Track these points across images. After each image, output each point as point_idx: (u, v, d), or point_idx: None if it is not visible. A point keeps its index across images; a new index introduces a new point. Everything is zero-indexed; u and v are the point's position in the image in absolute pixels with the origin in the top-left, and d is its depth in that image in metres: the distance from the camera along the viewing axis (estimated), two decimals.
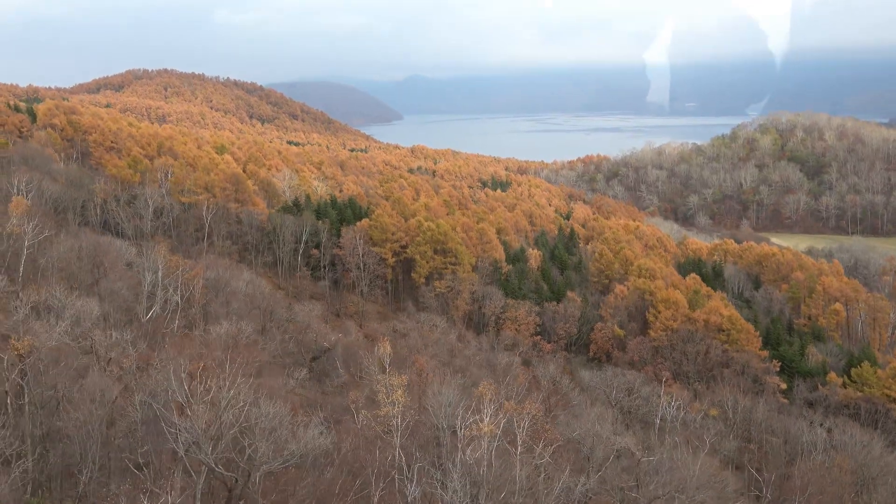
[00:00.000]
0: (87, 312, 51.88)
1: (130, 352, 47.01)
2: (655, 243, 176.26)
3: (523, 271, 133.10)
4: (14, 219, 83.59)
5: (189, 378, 43.72)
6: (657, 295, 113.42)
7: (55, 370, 43.27)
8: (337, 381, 72.56)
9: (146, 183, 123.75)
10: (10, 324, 45.63)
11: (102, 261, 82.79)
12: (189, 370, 45.07)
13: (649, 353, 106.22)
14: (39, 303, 50.04)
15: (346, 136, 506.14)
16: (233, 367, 44.11)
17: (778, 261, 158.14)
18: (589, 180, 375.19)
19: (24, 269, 78.01)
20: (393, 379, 50.14)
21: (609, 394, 74.45)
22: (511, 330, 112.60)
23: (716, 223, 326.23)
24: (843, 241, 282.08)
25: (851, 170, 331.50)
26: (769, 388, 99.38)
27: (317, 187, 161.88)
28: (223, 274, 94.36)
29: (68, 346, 45.43)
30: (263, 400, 40.67)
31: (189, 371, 44.83)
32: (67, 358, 43.81)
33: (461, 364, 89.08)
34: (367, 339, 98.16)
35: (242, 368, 45.59)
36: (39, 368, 41.76)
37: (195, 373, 44.86)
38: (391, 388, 49.42)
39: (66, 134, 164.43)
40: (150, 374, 44.48)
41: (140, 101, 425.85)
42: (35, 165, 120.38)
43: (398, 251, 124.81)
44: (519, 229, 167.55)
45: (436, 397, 49.35)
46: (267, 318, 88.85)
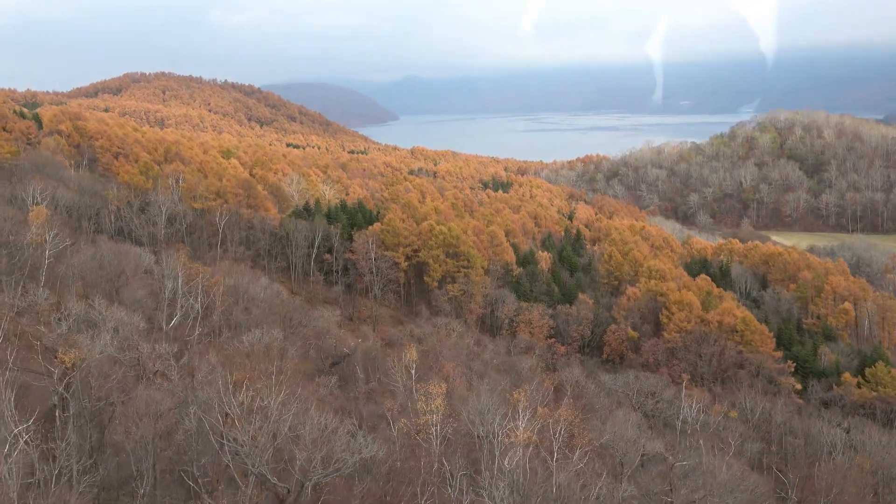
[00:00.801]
0: (133, 325, 52.19)
1: (174, 363, 47.35)
2: (662, 244, 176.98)
3: (534, 273, 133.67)
4: (35, 228, 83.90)
5: (235, 388, 44.20)
6: (670, 297, 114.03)
7: (103, 382, 43.60)
8: (364, 387, 72.86)
9: (158, 189, 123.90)
10: (54, 336, 45.94)
11: (124, 269, 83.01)
12: (234, 380, 45.51)
13: (664, 354, 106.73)
14: (80, 314, 50.30)
15: (345, 137, 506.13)
16: (278, 377, 44.71)
17: (785, 260, 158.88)
18: (589, 180, 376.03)
19: (44, 278, 78.36)
20: (432, 387, 50.62)
21: (632, 397, 74.96)
22: (525, 333, 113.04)
23: (716, 222, 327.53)
24: (845, 238, 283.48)
25: (851, 167, 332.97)
26: (784, 388, 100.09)
27: (324, 191, 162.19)
28: (241, 280, 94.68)
29: (113, 357, 45.68)
30: (313, 409, 41.08)
31: (234, 381, 45.26)
32: (112, 370, 44.10)
33: (479, 368, 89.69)
34: (385, 343, 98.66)
35: (286, 378, 46.14)
36: (89, 382, 42.09)
37: (240, 383, 45.38)
38: (430, 396, 49.93)
39: (73, 140, 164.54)
40: (194, 384, 44.83)
41: (138, 105, 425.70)
42: (47, 173, 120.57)
43: (410, 255, 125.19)
44: (526, 231, 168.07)
45: (473, 405, 49.85)
46: (287, 325, 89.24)
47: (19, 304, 51.84)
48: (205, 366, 47.86)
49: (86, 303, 52.37)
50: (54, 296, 67.01)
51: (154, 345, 49.25)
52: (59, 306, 54.62)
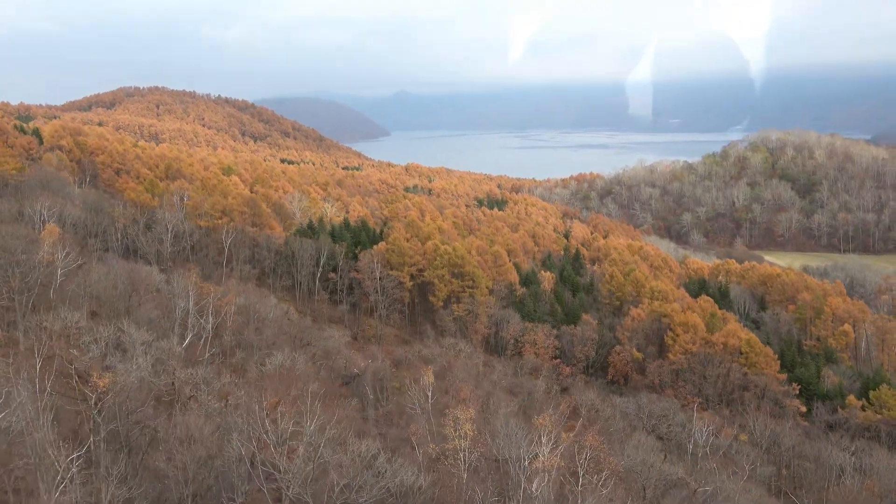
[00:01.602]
0: (170, 350, 52.24)
1: (204, 387, 47.38)
2: (661, 263, 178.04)
3: (537, 294, 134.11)
4: (46, 246, 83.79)
5: (269, 413, 44.36)
6: (674, 318, 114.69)
7: (138, 407, 43.70)
8: (381, 409, 73.01)
9: (163, 207, 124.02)
10: (87, 360, 45.97)
11: (137, 288, 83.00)
12: (267, 405, 45.68)
13: (670, 376, 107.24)
14: (111, 338, 50.30)
15: (339, 153, 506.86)
16: (313, 402, 44.89)
17: (783, 281, 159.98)
18: (583, 198, 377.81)
19: (55, 297, 78.25)
20: (460, 412, 50.84)
21: (646, 421, 75.39)
22: (531, 353, 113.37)
23: (710, 241, 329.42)
24: (837, 259, 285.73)
25: (842, 188, 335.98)
26: (790, 411, 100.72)
27: (326, 209, 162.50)
28: (250, 299, 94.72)
29: (148, 382, 45.73)
30: (350, 435, 41.32)
31: (268, 406, 45.43)
32: (147, 394, 44.21)
33: (489, 389, 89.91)
34: (393, 364, 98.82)
35: (320, 403, 46.31)
36: (124, 406, 42.17)
37: (274, 407, 45.57)
38: (459, 422, 50.15)
39: (74, 155, 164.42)
40: (230, 410, 44.94)
41: (133, 119, 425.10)
42: (52, 189, 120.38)
43: (415, 275, 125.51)
44: (526, 250, 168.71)
45: (501, 430, 50.10)
46: (297, 345, 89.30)
47: (50, 327, 51.78)
48: (237, 390, 47.91)
49: (115, 325, 52.35)
50: (79, 317, 66.64)
51: (190, 369, 49.29)
52: (91, 329, 54.55)
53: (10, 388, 39.27)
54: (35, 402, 39.57)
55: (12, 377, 39.25)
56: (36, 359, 40.53)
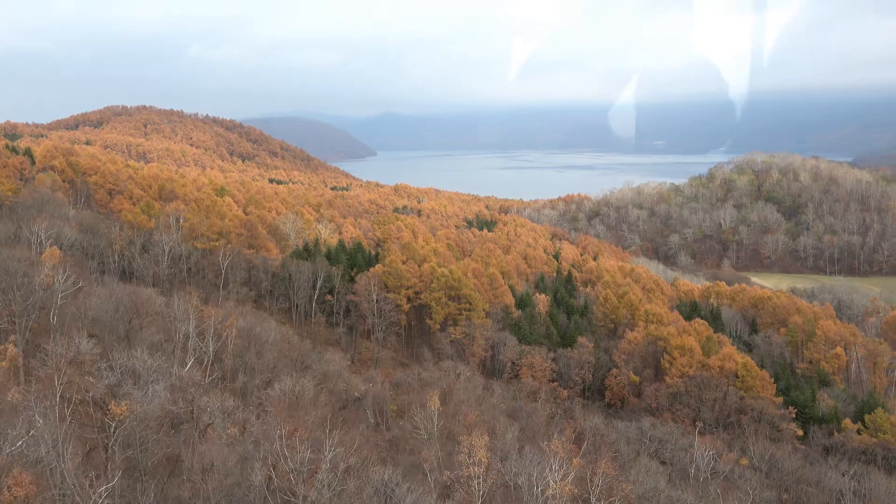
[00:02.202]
0: (189, 378, 52.05)
1: (224, 415, 47.22)
2: (653, 286, 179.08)
3: (532, 316, 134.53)
4: (47, 269, 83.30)
5: (288, 440, 44.29)
6: (671, 342, 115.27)
7: (155, 435, 43.54)
8: (388, 434, 72.90)
9: (159, 228, 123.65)
10: (102, 387, 45.77)
11: (139, 312, 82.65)
12: (285, 432, 45.60)
13: (667, 399, 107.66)
14: (126, 365, 50.09)
15: (326, 173, 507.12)
16: (331, 430, 44.91)
17: (774, 304, 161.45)
18: (571, 219, 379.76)
19: (55, 320, 77.74)
20: (475, 439, 50.93)
21: (649, 445, 75.69)
22: (528, 376, 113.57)
23: (697, 262, 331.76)
24: (824, 280, 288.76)
25: (827, 210, 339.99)
26: (787, 434, 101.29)
27: (320, 231, 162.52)
28: (251, 323, 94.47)
29: (166, 409, 45.57)
30: (372, 462, 41.36)
31: (286, 433, 45.36)
32: (163, 422, 44.06)
33: (489, 413, 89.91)
34: (392, 387, 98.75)
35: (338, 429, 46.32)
36: (144, 434, 42.02)
37: (291, 436, 45.50)
38: (473, 449, 50.23)
39: (66, 175, 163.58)
40: (248, 437, 44.85)
41: (120, 138, 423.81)
42: (48, 211, 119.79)
43: (412, 297, 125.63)
44: (520, 272, 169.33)
45: (514, 456, 50.26)
46: (298, 368, 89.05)
47: (63, 354, 51.49)
48: (250, 415, 47.80)
49: (129, 353, 52.18)
50: (93, 343, 66.04)
51: (205, 396, 49.14)
52: (105, 355, 54.32)
53: (29, 415, 39.11)
54: (54, 430, 39.36)
55: (32, 405, 39.07)
56: (56, 386, 40.32)
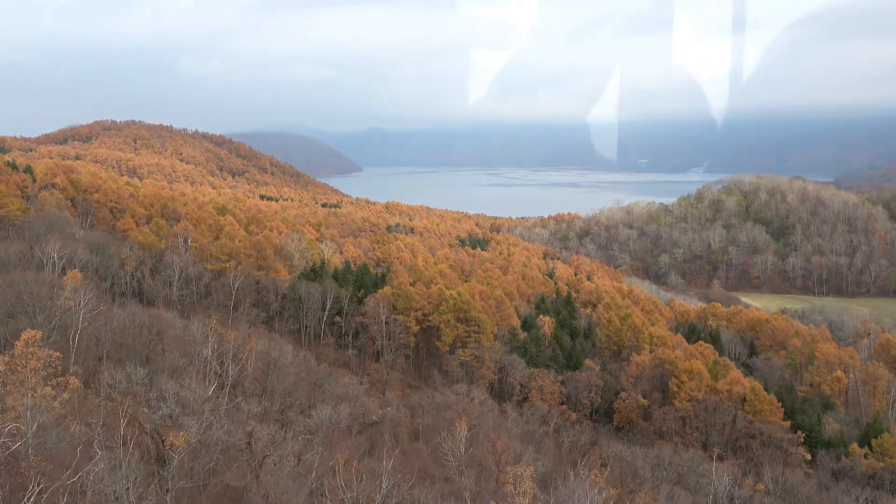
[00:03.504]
0: (249, 411, 52.39)
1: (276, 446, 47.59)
2: (652, 307, 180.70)
3: (538, 338, 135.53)
4: (67, 292, 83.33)
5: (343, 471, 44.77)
6: (678, 365, 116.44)
7: (210, 465, 43.91)
8: (416, 462, 73.23)
9: (169, 249, 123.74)
10: (156, 417, 46.11)
11: (161, 335, 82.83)
12: (341, 463, 46.08)
13: (676, 423, 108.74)
14: (176, 394, 50.32)
15: (316, 190, 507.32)
16: (388, 460, 45.49)
17: (773, 327, 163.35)
18: (562, 238, 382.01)
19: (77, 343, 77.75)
20: (520, 468, 51.55)
21: (670, 472, 76.66)
22: (537, 399, 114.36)
23: (687, 282, 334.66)
24: (814, 301, 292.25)
25: (815, 231, 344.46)
26: (795, 459, 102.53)
27: (323, 251, 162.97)
28: (267, 346, 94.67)
29: (222, 440, 45.92)
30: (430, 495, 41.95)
31: (341, 464, 45.84)
32: (220, 453, 44.48)
33: (504, 438, 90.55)
34: (409, 411, 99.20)
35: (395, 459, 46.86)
36: (204, 466, 42.40)
37: (348, 466, 45.99)
38: (519, 479, 50.83)
39: (68, 193, 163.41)
40: (306, 468, 45.27)
41: (110, 153, 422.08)
42: (56, 230, 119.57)
43: (421, 319, 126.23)
44: (521, 293, 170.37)
45: (562, 486, 50.95)
46: (316, 392, 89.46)
47: (116, 383, 51.77)
48: (295, 445, 48.25)
49: (178, 382, 52.49)
50: (143, 372, 65.93)
51: (266, 427, 49.53)
52: (154, 384, 54.59)
53: (96, 449, 39.45)
54: (118, 465, 39.71)
55: (101, 439, 39.42)
56: (120, 420, 40.70)
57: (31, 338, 42.60)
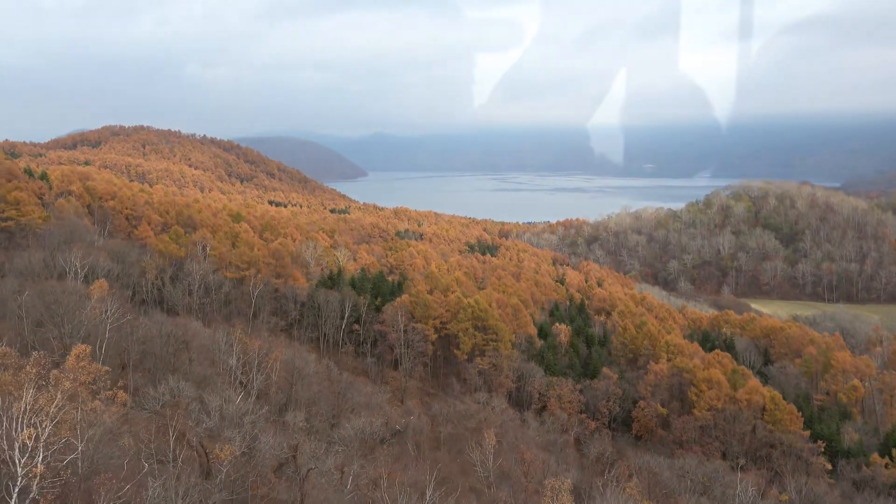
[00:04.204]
0: (295, 424, 52.78)
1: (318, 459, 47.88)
2: (665, 314, 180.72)
3: (554, 346, 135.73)
4: (94, 301, 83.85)
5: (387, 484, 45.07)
6: (697, 374, 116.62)
7: (254, 479, 44.26)
8: (443, 472, 73.49)
9: (188, 257, 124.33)
10: (201, 430, 46.44)
11: (189, 345, 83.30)
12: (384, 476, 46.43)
13: (696, 432, 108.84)
14: (219, 407, 50.62)
15: (324, 195, 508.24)
16: (430, 474, 45.85)
17: (788, 335, 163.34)
18: (570, 244, 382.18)
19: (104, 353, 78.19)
20: (557, 482, 51.83)
21: (696, 483, 76.84)
22: (556, 408, 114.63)
23: (697, 288, 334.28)
24: (824, 308, 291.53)
25: (825, 238, 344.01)
26: (816, 469, 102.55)
27: (338, 258, 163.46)
28: (290, 355, 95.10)
29: (267, 454, 46.24)
30: None
31: (384, 477, 46.18)
32: (266, 466, 44.83)
33: (514, 446, 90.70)
34: (430, 419, 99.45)
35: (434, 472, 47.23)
36: (250, 480, 42.76)
37: (392, 480, 46.31)
38: (557, 491, 51.14)
39: (84, 200, 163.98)
40: (350, 481, 45.59)
41: (119, 158, 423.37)
42: (77, 239, 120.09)
43: (439, 327, 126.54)
44: (535, 300, 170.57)
45: (600, 500, 51.21)
46: (341, 401, 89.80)
47: (165, 399, 52.22)
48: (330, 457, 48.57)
49: (222, 395, 52.88)
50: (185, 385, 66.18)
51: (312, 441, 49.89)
52: (200, 398, 54.99)
53: (150, 464, 39.86)
54: (169, 481, 40.07)
55: (153, 453, 39.83)
56: (170, 434, 41.11)
57: (82, 352, 43.03)
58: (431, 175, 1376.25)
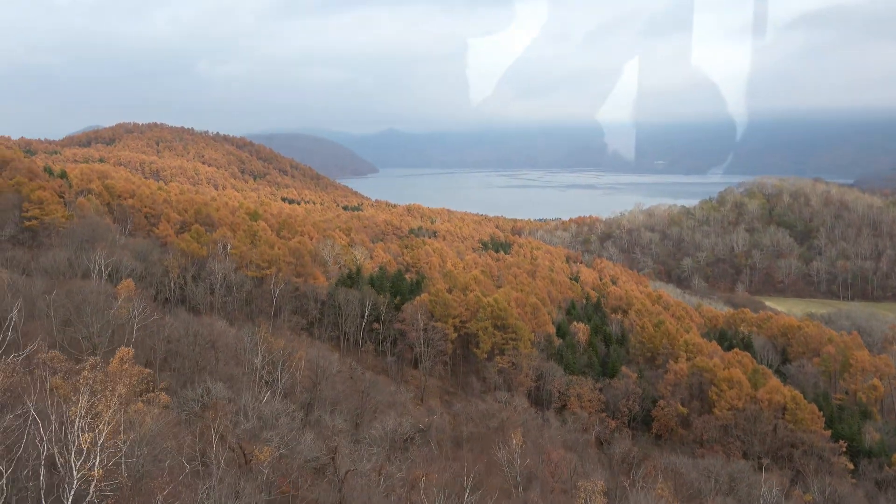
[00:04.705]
0: (334, 426, 53.29)
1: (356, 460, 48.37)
2: (682, 313, 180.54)
3: (573, 345, 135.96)
4: (122, 300, 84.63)
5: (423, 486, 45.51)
6: (717, 374, 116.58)
7: (290, 480, 44.75)
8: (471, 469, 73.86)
9: (210, 256, 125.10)
10: (239, 432, 46.99)
11: (215, 344, 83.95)
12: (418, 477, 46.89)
13: (717, 432, 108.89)
14: (257, 409, 51.21)
15: (336, 192, 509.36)
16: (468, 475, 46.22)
17: (806, 334, 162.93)
18: (583, 241, 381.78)
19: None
20: (590, 484, 52.16)
21: (722, 483, 77.03)
22: (576, 407, 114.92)
23: (711, 286, 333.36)
24: (840, 306, 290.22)
25: (839, 235, 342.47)
26: (838, 469, 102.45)
27: (356, 256, 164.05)
28: (314, 354, 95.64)
29: (305, 455, 46.75)
30: None
31: (419, 478, 46.62)
32: (305, 468, 45.31)
33: (541, 446, 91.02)
34: (452, 418, 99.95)
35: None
36: (292, 482, 43.25)
37: (427, 481, 46.74)
38: (590, 493, 51.47)
39: (104, 199, 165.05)
40: (386, 482, 46.03)
41: (133, 156, 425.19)
42: (99, 238, 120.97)
43: (458, 326, 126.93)
44: (552, 299, 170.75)
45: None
46: (366, 401, 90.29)
47: (203, 400, 52.80)
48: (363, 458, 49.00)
49: (254, 395, 53.42)
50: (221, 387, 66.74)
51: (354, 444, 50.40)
52: (235, 400, 55.58)
53: (195, 465, 40.35)
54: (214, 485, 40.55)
55: (197, 455, 40.34)
56: (213, 438, 41.63)
57: (126, 355, 43.62)
58: (442, 171, 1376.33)
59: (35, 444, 32.22)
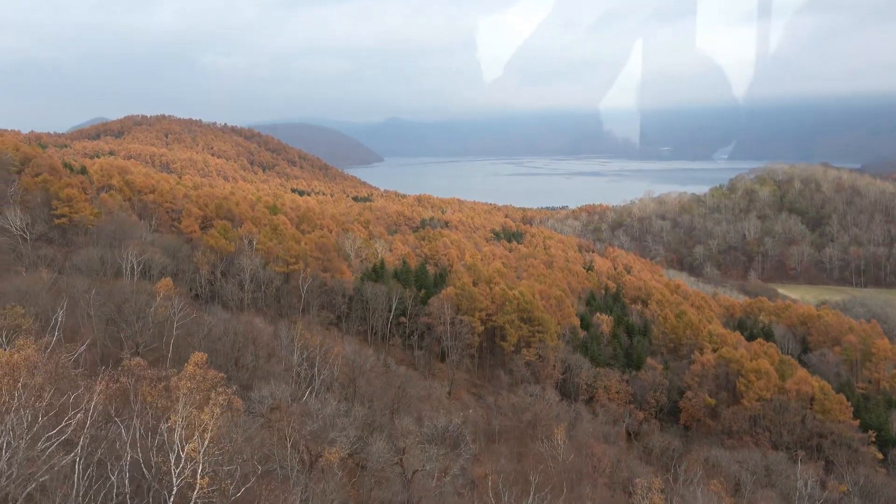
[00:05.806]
0: (405, 430, 54.06)
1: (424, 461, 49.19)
2: (701, 303, 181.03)
3: (597, 337, 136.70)
4: (160, 299, 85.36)
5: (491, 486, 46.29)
6: (745, 365, 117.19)
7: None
8: (514, 466, 74.79)
9: (237, 252, 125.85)
10: (307, 434, 47.77)
11: (255, 342, 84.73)
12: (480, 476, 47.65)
13: (746, 422, 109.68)
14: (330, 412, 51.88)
15: (345, 182, 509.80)
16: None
17: (826, 322, 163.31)
18: (594, 230, 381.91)
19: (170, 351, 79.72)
20: (644, 480, 52.96)
21: (761, 476, 77.86)
22: (604, 399, 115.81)
23: (723, 274, 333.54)
24: (852, 292, 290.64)
25: (852, 221, 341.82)
26: (867, 458, 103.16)
27: (377, 249, 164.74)
28: (349, 350, 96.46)
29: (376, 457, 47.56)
30: None
31: (483, 477, 47.40)
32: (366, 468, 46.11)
33: (583, 439, 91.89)
34: (485, 412, 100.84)
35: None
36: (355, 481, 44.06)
37: (492, 481, 47.53)
38: (646, 490, 52.27)
39: (125, 195, 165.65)
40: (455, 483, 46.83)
41: (143, 148, 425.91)
42: (128, 235, 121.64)
43: (485, 319, 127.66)
44: (572, 290, 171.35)
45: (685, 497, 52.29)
46: (402, 396, 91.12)
47: (268, 401, 53.56)
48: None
49: (321, 398, 54.22)
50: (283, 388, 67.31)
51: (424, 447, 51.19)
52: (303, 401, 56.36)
53: (273, 468, 41.12)
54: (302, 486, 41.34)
55: (276, 457, 41.14)
56: (286, 440, 42.39)
57: (200, 360, 44.27)
58: (447, 160, 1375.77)
59: (136, 453, 33.03)
